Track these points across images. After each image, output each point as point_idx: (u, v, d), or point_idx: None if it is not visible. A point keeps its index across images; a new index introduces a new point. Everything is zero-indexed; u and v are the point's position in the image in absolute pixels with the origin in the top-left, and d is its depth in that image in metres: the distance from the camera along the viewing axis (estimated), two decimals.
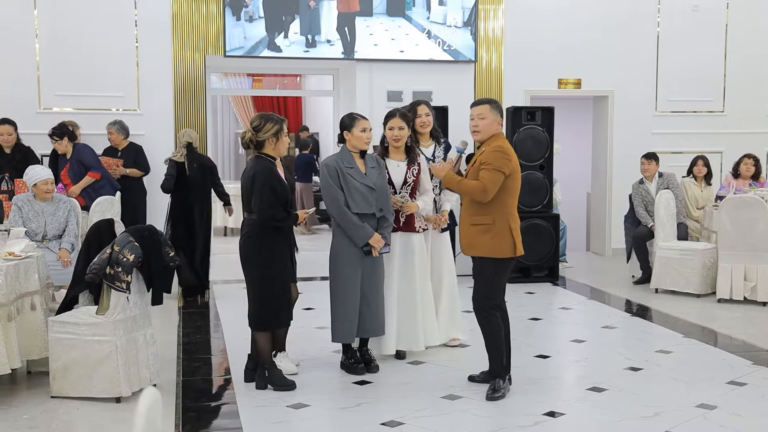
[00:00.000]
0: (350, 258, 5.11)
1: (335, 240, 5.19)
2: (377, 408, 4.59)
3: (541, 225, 8.45)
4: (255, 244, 4.86)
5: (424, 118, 5.68)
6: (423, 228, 5.54)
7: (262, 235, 4.84)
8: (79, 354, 4.64)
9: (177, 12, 9.11)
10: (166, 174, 7.48)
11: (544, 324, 6.72)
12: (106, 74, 8.99)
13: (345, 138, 5.21)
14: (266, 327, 4.95)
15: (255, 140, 4.87)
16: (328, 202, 5.13)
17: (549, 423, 4.35)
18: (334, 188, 5.07)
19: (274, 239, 4.86)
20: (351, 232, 5.07)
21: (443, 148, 5.83)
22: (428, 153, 5.71)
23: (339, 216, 5.09)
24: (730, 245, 7.32)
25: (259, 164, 4.85)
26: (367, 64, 9.56)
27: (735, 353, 5.66)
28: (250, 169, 4.89)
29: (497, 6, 9.78)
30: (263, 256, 4.85)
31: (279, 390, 4.86)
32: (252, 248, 4.87)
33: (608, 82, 10.06)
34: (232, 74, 14.02)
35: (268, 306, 4.89)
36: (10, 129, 7.82)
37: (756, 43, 10.39)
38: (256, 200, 4.78)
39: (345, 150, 5.20)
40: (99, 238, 5.05)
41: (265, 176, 4.80)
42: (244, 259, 4.93)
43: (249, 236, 4.88)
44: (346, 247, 5.11)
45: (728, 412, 4.47)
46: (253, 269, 4.89)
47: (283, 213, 4.84)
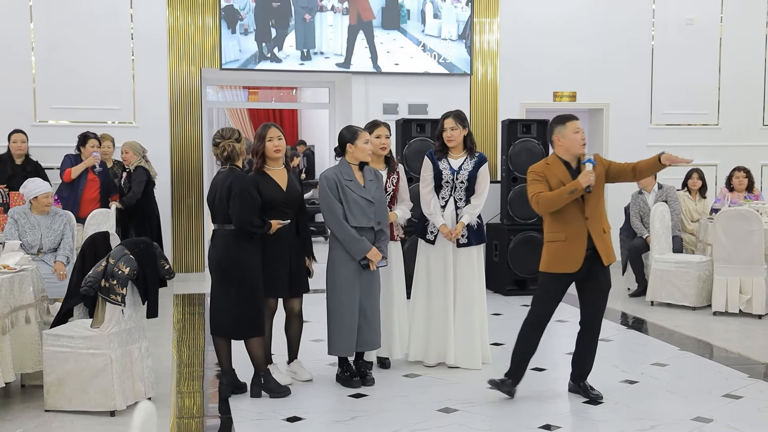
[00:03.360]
0: (348, 271, 5.09)
1: (333, 253, 5.18)
2: (372, 421, 4.57)
3: (537, 237, 8.44)
4: (234, 254, 4.84)
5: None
6: (400, 236, 5.63)
7: (237, 244, 4.83)
8: (73, 367, 4.62)
9: (173, 25, 9.14)
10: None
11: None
12: (102, 87, 9.01)
13: (347, 150, 5.17)
14: (257, 334, 4.93)
15: (237, 150, 4.89)
16: (326, 215, 5.11)
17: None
18: (333, 201, 5.06)
19: (251, 247, 4.86)
20: (349, 245, 5.05)
21: (475, 161, 5.54)
22: (456, 165, 5.52)
23: (337, 229, 5.07)
24: (725, 258, 7.33)
25: (233, 174, 4.87)
26: (363, 77, 9.58)
27: (731, 366, 5.66)
28: (223, 179, 4.87)
29: (492, 19, 9.82)
30: (243, 265, 4.84)
31: (275, 397, 4.88)
32: (230, 258, 4.85)
33: (603, 95, 10.10)
34: (228, 87, 14.04)
35: (249, 314, 4.88)
36: (22, 137, 8.01)
37: (750, 56, 10.46)
38: (235, 206, 4.77)
39: (344, 162, 5.18)
40: (94, 250, 5.05)
41: (242, 183, 4.82)
42: (223, 271, 4.87)
43: (227, 246, 4.84)
44: (343, 261, 5.10)
45: (724, 425, 4.47)
46: (230, 279, 4.85)
47: (260, 221, 4.85)
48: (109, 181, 8.09)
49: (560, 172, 4.72)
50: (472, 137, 5.61)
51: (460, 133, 5.50)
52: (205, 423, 4.67)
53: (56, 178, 8.42)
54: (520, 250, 8.40)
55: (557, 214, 4.72)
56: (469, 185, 5.51)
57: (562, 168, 4.74)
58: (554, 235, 4.75)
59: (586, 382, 4.94)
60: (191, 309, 7.89)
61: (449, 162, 5.54)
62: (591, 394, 4.89)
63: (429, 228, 5.56)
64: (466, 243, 5.52)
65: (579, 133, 4.73)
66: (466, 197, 5.52)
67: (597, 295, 4.80)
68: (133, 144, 8.26)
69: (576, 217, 4.68)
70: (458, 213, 5.51)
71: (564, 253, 4.69)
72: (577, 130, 4.72)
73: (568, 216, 4.69)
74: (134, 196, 8.04)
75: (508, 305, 7.91)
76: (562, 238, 4.71)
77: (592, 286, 4.77)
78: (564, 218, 4.70)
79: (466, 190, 5.52)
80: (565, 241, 4.69)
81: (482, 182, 5.53)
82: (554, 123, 4.81)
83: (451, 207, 5.54)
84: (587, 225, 4.67)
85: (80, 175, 7.72)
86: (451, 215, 5.52)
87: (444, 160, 5.56)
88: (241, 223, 4.79)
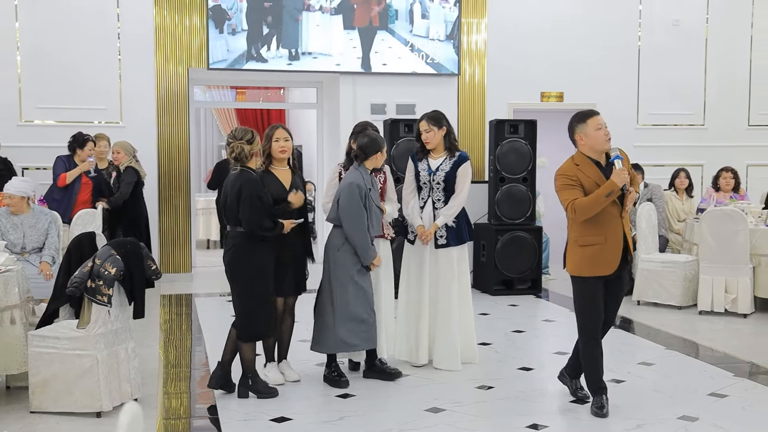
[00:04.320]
0: (360, 271, 5.14)
1: (341, 255, 5.14)
2: (360, 422, 4.57)
3: (524, 237, 8.47)
4: (242, 256, 4.86)
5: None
6: (391, 236, 5.64)
7: (249, 246, 4.85)
8: (59, 368, 4.59)
9: (160, 25, 9.11)
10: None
11: (528, 336, 6.73)
12: (89, 87, 8.97)
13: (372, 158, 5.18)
14: (254, 338, 4.95)
15: (249, 153, 4.87)
16: (351, 221, 5.06)
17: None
18: (362, 209, 5.06)
19: (261, 250, 4.86)
20: (362, 251, 5.09)
21: (454, 161, 5.53)
22: (435, 165, 5.53)
23: (360, 237, 5.06)
24: (711, 258, 7.37)
25: (243, 176, 4.86)
26: (351, 77, 9.58)
27: (716, 365, 5.69)
28: (234, 181, 4.88)
29: (480, 19, 9.84)
30: (250, 268, 4.85)
31: (263, 397, 4.88)
32: (239, 260, 4.87)
33: (590, 96, 10.13)
34: (216, 87, 14.00)
35: (255, 317, 4.89)
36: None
37: (735, 57, 10.52)
38: (244, 210, 4.78)
39: (364, 169, 5.20)
40: (80, 251, 5.03)
41: (251, 187, 4.81)
42: (231, 272, 4.93)
43: (235, 249, 4.88)
44: (354, 262, 5.13)
45: (710, 423, 4.49)
46: (241, 281, 4.89)
47: (270, 223, 4.85)
48: (102, 183, 8.07)
49: (592, 172, 4.51)
50: (451, 137, 5.58)
51: (436, 134, 5.50)
52: (192, 424, 4.65)
53: (41, 178, 8.39)
54: (507, 250, 8.42)
55: (595, 216, 4.48)
56: (447, 185, 5.50)
57: (593, 168, 4.52)
58: (591, 239, 4.51)
59: (579, 380, 4.91)
60: (178, 310, 7.87)
61: (428, 163, 5.56)
62: (579, 394, 4.88)
63: (410, 228, 5.60)
64: (444, 244, 5.51)
65: (601, 129, 4.53)
66: (445, 198, 5.52)
67: (619, 294, 4.68)
68: (125, 144, 8.23)
69: (614, 217, 4.50)
70: (436, 214, 5.52)
71: (601, 256, 4.51)
72: (599, 127, 4.53)
73: (607, 217, 4.49)
74: (121, 197, 8.00)
75: (495, 305, 7.92)
76: (601, 241, 4.50)
77: (617, 285, 4.64)
78: (603, 220, 4.49)
79: (444, 191, 5.51)
80: (605, 243, 4.50)
81: (461, 182, 5.50)
82: (575, 121, 4.61)
83: (429, 208, 5.55)
84: (621, 225, 4.53)
85: (75, 178, 7.71)
86: (429, 216, 5.54)
87: (424, 161, 5.58)
88: (251, 227, 4.80)
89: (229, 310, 7.63)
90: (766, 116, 10.63)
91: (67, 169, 7.76)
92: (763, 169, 10.43)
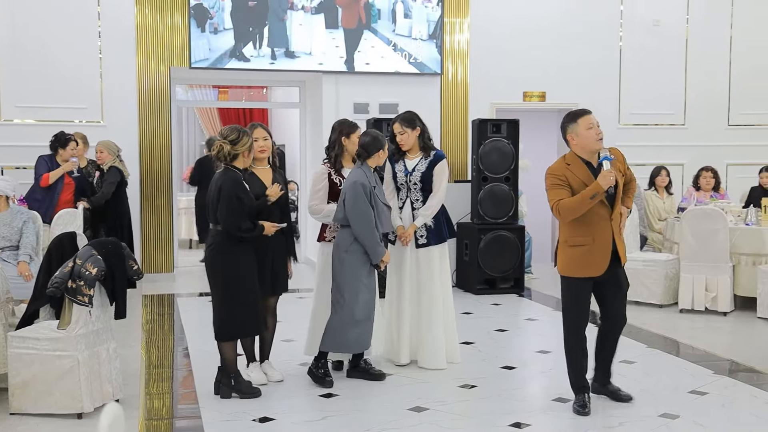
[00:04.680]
0: (366, 272, 5.15)
1: (349, 256, 5.12)
2: (343, 421, 4.57)
3: (507, 237, 8.50)
4: (220, 255, 4.84)
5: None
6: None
7: (227, 245, 4.83)
8: (39, 369, 4.56)
9: (141, 23, 9.06)
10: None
11: (510, 335, 6.76)
12: (69, 85, 8.90)
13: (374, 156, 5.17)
14: (230, 337, 4.93)
15: (232, 153, 4.85)
16: (359, 220, 5.04)
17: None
18: (369, 208, 5.05)
19: (240, 250, 4.84)
20: (371, 249, 5.08)
21: (429, 161, 5.55)
22: (411, 166, 5.55)
23: (369, 235, 5.05)
24: (691, 256, 7.43)
25: (226, 175, 4.84)
26: (334, 77, 9.57)
27: (697, 363, 5.74)
28: (217, 180, 4.87)
29: (462, 19, 9.86)
30: (228, 267, 4.83)
31: (244, 398, 4.87)
32: (217, 259, 4.85)
33: (572, 95, 10.18)
34: (198, 86, 13.94)
35: (232, 316, 4.87)
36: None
37: (715, 57, 10.60)
38: (222, 210, 4.76)
39: (368, 167, 5.18)
40: (61, 251, 4.99)
41: (232, 186, 4.79)
42: (210, 270, 4.91)
43: (214, 247, 4.87)
44: (363, 263, 5.13)
45: (690, 421, 4.53)
46: (217, 279, 4.87)
47: (249, 224, 4.83)
48: (84, 183, 8.02)
49: (581, 172, 4.49)
50: (425, 136, 5.59)
51: (410, 136, 5.53)
52: (175, 424, 4.64)
53: (21, 177, 8.32)
54: (490, 250, 8.45)
55: (583, 217, 4.48)
56: (424, 185, 5.53)
57: (583, 168, 4.50)
58: (580, 239, 4.50)
59: (613, 384, 4.82)
60: (160, 310, 7.83)
61: (405, 164, 5.59)
62: (623, 396, 4.76)
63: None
64: (425, 243, 5.53)
65: (593, 128, 4.49)
66: (423, 198, 5.54)
67: (619, 294, 4.68)
68: (108, 143, 8.17)
69: (603, 218, 4.49)
70: (414, 214, 5.54)
71: (589, 257, 4.51)
72: (590, 126, 4.49)
73: (595, 218, 4.48)
74: (103, 197, 7.94)
75: (478, 304, 7.94)
76: (589, 242, 4.49)
77: (614, 284, 4.63)
78: (591, 221, 4.48)
79: (422, 191, 5.54)
80: (593, 244, 4.49)
81: (437, 181, 5.51)
82: (566, 121, 4.58)
83: (408, 208, 5.57)
84: (612, 227, 4.52)
85: (57, 178, 7.67)
86: (408, 216, 5.56)
87: (400, 162, 5.61)
88: (229, 227, 4.78)
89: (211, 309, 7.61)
90: (745, 116, 10.73)
91: (50, 168, 7.70)
92: (742, 168, 10.52)
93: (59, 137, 7.83)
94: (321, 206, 5.38)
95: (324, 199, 5.39)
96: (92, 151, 8.41)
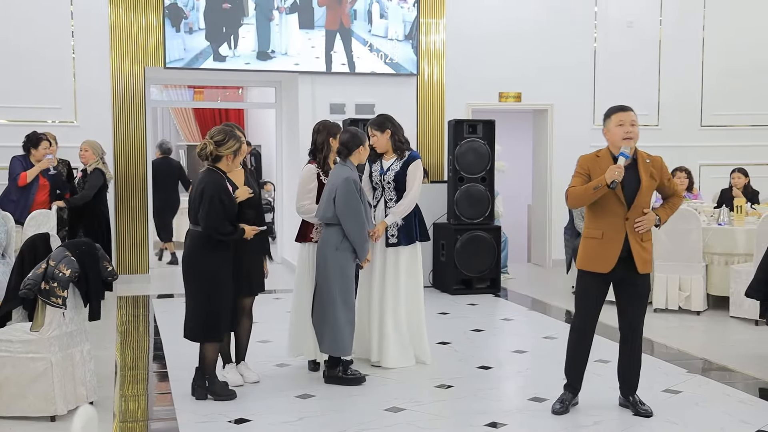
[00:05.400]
0: (352, 274, 5.16)
1: (339, 254, 5.12)
2: (319, 422, 4.56)
3: (483, 237, 8.53)
4: (199, 256, 4.81)
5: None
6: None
7: (205, 247, 4.80)
8: (12, 372, 4.50)
9: (115, 23, 8.99)
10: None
11: (486, 335, 6.78)
12: (42, 85, 8.81)
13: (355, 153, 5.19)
14: (207, 339, 4.89)
15: (215, 154, 4.82)
16: (353, 217, 5.05)
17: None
18: (360, 204, 5.09)
19: (218, 251, 4.82)
20: (360, 247, 5.11)
21: (403, 161, 5.63)
22: (386, 166, 5.63)
23: (359, 232, 5.09)
24: (665, 256, 7.50)
25: (209, 176, 4.82)
26: (310, 77, 9.55)
27: (670, 362, 5.79)
28: (200, 180, 4.85)
29: (438, 20, 9.88)
30: (206, 269, 4.80)
31: (219, 400, 4.84)
32: (195, 260, 4.82)
33: (548, 96, 10.24)
34: (173, 86, 13.86)
35: (211, 317, 4.84)
36: None
37: (688, 59, 10.70)
38: (203, 211, 4.74)
39: (352, 164, 5.20)
40: (34, 252, 4.94)
41: (214, 188, 4.76)
42: (186, 271, 4.88)
43: (192, 248, 4.84)
44: (350, 264, 5.15)
45: (664, 419, 4.57)
46: (195, 281, 4.84)
47: (230, 227, 4.80)
48: (59, 181, 7.94)
49: (606, 166, 4.46)
50: (396, 138, 5.65)
51: (380, 139, 5.62)
52: (150, 426, 4.61)
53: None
54: (466, 250, 8.47)
55: (597, 210, 4.50)
56: (398, 185, 5.60)
57: (609, 162, 4.48)
58: (591, 232, 4.53)
59: (636, 396, 4.69)
60: (135, 311, 7.78)
61: (381, 164, 5.68)
62: (641, 410, 4.64)
63: None
64: (395, 243, 5.59)
65: (623, 125, 4.48)
66: (398, 197, 5.61)
67: (636, 301, 4.61)
68: (94, 143, 8.07)
69: (614, 215, 4.46)
70: (387, 213, 5.60)
71: (598, 252, 4.50)
72: (620, 123, 4.48)
73: (607, 213, 4.47)
74: (82, 199, 7.82)
75: (454, 304, 7.96)
76: (598, 235, 4.49)
77: (631, 291, 4.59)
78: (603, 215, 4.49)
79: (395, 190, 5.62)
80: (601, 239, 4.48)
81: (410, 181, 5.58)
82: (605, 116, 4.62)
83: (382, 207, 5.65)
84: (626, 226, 4.46)
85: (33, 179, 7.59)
86: (382, 215, 5.63)
87: (378, 162, 5.70)
88: (209, 230, 4.75)
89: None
90: (718, 117, 10.84)
91: (25, 168, 7.63)
92: (715, 168, 10.63)
93: (31, 137, 7.76)
94: (312, 206, 5.38)
95: (314, 198, 5.40)
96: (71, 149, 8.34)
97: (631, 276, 4.54)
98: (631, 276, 4.54)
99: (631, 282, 4.56)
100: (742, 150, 10.70)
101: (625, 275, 4.53)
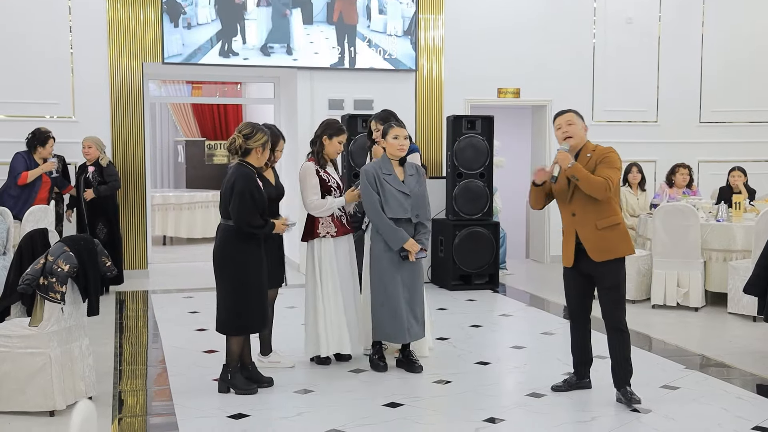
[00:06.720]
0: (388, 262, 5.25)
1: (374, 245, 5.32)
2: (318, 417, 4.57)
3: (482, 233, 8.53)
4: (230, 250, 4.83)
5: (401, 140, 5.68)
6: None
7: (237, 240, 4.82)
8: (10, 367, 4.51)
9: (113, 18, 8.97)
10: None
11: (485, 331, 6.79)
12: (40, 81, 8.79)
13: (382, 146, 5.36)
14: (237, 332, 4.92)
15: (244, 147, 4.83)
16: (366, 205, 5.29)
17: (489, 429, 4.39)
18: (372, 192, 5.23)
19: (250, 245, 4.84)
20: (387, 235, 5.23)
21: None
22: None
23: (375, 219, 5.25)
24: (663, 252, 7.50)
25: (240, 170, 4.85)
26: (308, 72, 9.54)
27: (669, 358, 5.80)
28: (231, 175, 4.88)
29: (437, 15, 9.87)
30: (238, 262, 4.82)
31: (240, 394, 4.89)
32: (227, 254, 4.85)
33: (546, 92, 10.23)
34: (171, 81, 13.84)
35: (239, 311, 4.86)
36: None
37: (687, 55, 10.70)
38: (234, 205, 4.77)
39: (385, 157, 5.34)
40: (32, 247, 4.94)
41: (245, 182, 4.78)
42: (219, 264, 4.90)
43: (224, 241, 4.86)
44: (384, 252, 5.26)
45: (662, 415, 4.58)
46: (227, 275, 4.86)
47: (260, 220, 4.83)
48: (59, 182, 7.97)
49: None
50: None
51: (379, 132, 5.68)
52: (149, 421, 4.61)
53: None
54: (464, 246, 8.47)
55: (559, 208, 4.77)
56: None
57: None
58: (563, 229, 4.78)
59: (626, 388, 4.71)
60: (134, 306, 7.78)
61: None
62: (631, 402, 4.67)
63: (364, 219, 5.67)
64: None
65: (560, 128, 4.72)
66: None
67: (601, 292, 4.73)
68: (96, 139, 8.16)
69: (565, 211, 4.71)
70: None
71: (563, 248, 4.78)
72: (558, 127, 4.74)
73: (562, 210, 4.75)
74: (112, 189, 8.07)
75: (453, 300, 7.97)
76: (563, 231, 4.76)
77: (597, 281, 4.72)
78: (562, 212, 4.75)
79: None
80: (563, 235, 4.75)
81: None
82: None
83: None
84: (574, 222, 4.64)
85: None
86: None
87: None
88: (240, 223, 4.78)
89: (185, 306, 7.58)
90: (716, 113, 10.84)
91: (28, 166, 7.63)
92: (713, 165, 10.63)
93: (37, 135, 7.75)
94: (320, 201, 5.41)
95: (319, 192, 5.43)
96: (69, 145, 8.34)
97: (593, 266, 4.66)
98: (593, 266, 4.66)
99: (595, 272, 4.69)
100: (741, 146, 10.71)
101: (590, 266, 4.68)
